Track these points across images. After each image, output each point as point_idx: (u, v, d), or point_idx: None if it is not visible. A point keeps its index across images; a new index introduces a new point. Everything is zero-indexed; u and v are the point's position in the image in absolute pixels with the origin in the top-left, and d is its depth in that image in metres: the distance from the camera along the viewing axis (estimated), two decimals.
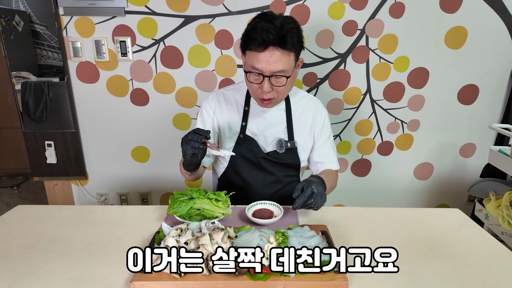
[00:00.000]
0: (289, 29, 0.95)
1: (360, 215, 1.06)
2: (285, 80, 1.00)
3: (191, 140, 0.94)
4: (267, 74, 0.98)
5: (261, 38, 0.93)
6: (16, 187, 3.06)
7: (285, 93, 1.07)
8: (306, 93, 1.25)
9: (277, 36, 0.93)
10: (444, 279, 0.76)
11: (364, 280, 0.75)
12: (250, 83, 1.03)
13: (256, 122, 1.17)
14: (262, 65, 0.97)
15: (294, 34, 0.96)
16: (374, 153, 2.04)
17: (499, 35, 1.80)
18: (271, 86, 1.01)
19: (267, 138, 1.17)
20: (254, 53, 0.97)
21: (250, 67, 1.00)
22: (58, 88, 1.84)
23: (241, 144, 1.16)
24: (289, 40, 0.95)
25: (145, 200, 2.10)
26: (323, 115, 1.22)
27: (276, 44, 0.94)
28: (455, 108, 1.95)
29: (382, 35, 1.79)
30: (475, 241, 0.93)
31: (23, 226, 0.98)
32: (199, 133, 0.95)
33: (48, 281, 0.74)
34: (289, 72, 1.00)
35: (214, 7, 1.73)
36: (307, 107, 1.21)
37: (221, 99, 1.20)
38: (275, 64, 0.96)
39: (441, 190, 2.13)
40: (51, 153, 1.95)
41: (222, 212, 0.97)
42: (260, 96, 1.05)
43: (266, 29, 0.93)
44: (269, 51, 0.95)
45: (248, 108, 1.17)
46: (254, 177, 1.20)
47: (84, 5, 1.69)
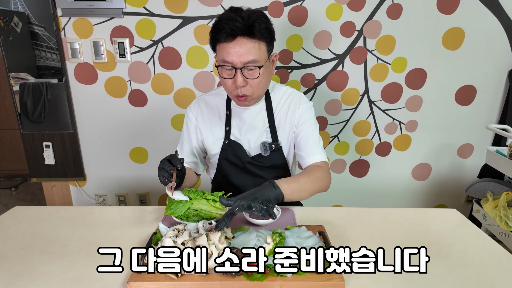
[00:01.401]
0: (255, 17, 0.94)
1: (357, 216, 1.06)
2: (258, 71, 0.98)
3: (163, 169, 0.95)
4: (238, 66, 0.96)
5: (228, 27, 0.92)
6: (14, 188, 3.05)
7: (260, 88, 1.03)
8: (287, 88, 1.18)
9: (244, 25, 0.92)
10: (441, 279, 0.77)
11: (361, 280, 0.75)
12: (224, 79, 1.01)
13: (238, 125, 1.14)
14: (233, 57, 0.95)
15: (262, 22, 0.95)
16: (372, 154, 2.04)
17: (496, 36, 1.81)
18: (245, 79, 0.98)
19: (250, 141, 1.14)
20: (223, 45, 0.96)
21: (221, 61, 0.98)
22: (56, 89, 1.84)
23: (227, 149, 1.14)
24: (257, 27, 0.93)
25: (143, 201, 2.10)
26: (304, 107, 1.14)
27: (244, 33, 0.93)
28: (452, 109, 1.95)
29: (380, 36, 1.80)
30: (472, 241, 0.93)
31: (20, 227, 0.97)
32: (172, 161, 0.95)
33: (45, 282, 0.74)
34: (261, 62, 0.97)
35: (212, 8, 1.73)
36: (287, 102, 1.14)
37: (202, 105, 1.18)
38: (245, 55, 0.94)
39: (439, 191, 2.14)
40: (49, 154, 1.95)
41: (220, 212, 0.97)
42: (235, 93, 1.02)
43: (232, 18, 0.92)
44: (238, 41, 0.94)
45: (230, 112, 1.14)
46: (243, 182, 1.18)
47: (82, 6, 1.70)
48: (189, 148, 1.20)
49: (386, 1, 1.74)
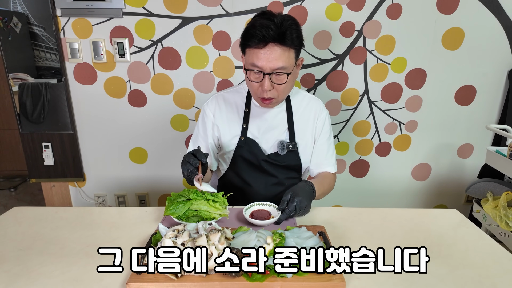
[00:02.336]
0: (288, 25, 0.95)
1: (357, 216, 1.06)
2: (285, 77, 1.00)
3: (188, 162, 0.97)
4: (267, 72, 0.98)
5: (261, 34, 0.94)
6: (13, 189, 3.04)
7: (285, 92, 1.07)
8: (307, 93, 1.24)
9: (277, 32, 0.94)
10: (442, 280, 0.76)
11: (361, 280, 0.75)
12: (251, 81, 1.03)
13: (257, 124, 1.16)
14: (263, 62, 0.97)
15: (294, 30, 0.97)
16: (372, 154, 2.04)
17: (496, 36, 1.81)
18: (272, 84, 1.01)
19: (269, 140, 1.17)
20: (254, 50, 0.98)
21: (250, 65, 1.00)
22: (56, 89, 1.84)
23: (242, 146, 1.16)
24: (289, 36, 0.95)
25: (143, 202, 2.09)
26: (324, 116, 1.21)
27: (276, 40, 0.95)
28: (452, 109, 1.95)
29: (380, 36, 1.80)
30: (472, 241, 0.93)
31: (19, 228, 0.97)
32: (196, 155, 0.97)
33: (44, 283, 0.74)
34: (289, 69, 1.00)
35: (211, 8, 1.73)
36: (308, 107, 1.19)
37: (220, 101, 1.20)
38: (275, 61, 0.96)
39: (439, 191, 2.14)
40: (48, 155, 1.95)
41: (220, 213, 0.96)
42: (260, 95, 1.04)
43: (265, 26, 0.93)
44: (269, 48, 0.96)
45: (249, 110, 1.16)
46: (255, 179, 1.20)
47: (81, 6, 1.69)
48: (204, 145, 1.21)
49: (386, 1, 1.74)
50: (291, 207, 0.94)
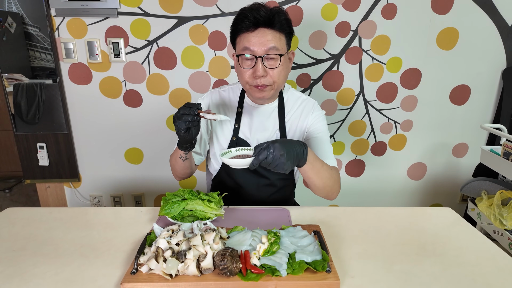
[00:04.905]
0: (276, 11, 0.98)
1: (352, 215, 1.06)
2: (278, 60, 0.99)
3: (184, 114, 0.91)
4: (260, 54, 0.98)
5: (252, 16, 0.96)
6: (8, 190, 3.02)
7: (280, 79, 1.03)
8: (302, 94, 1.21)
9: (266, 17, 0.96)
10: (436, 278, 0.77)
11: (355, 279, 0.75)
12: (243, 69, 1.01)
13: (248, 124, 1.15)
14: (255, 44, 0.98)
15: (282, 15, 0.99)
16: (368, 154, 2.05)
17: (490, 36, 1.83)
18: (265, 69, 0.99)
19: (259, 140, 1.15)
20: (245, 34, 0.99)
21: (241, 49, 1.00)
22: (51, 90, 1.83)
23: (234, 146, 1.14)
24: (277, 19, 0.97)
25: (138, 202, 2.09)
26: (317, 115, 1.16)
27: (266, 25, 0.97)
28: (447, 109, 1.96)
29: (375, 36, 1.81)
30: (466, 239, 0.94)
31: (12, 229, 0.96)
32: (190, 106, 0.92)
33: (38, 284, 0.73)
34: (282, 51, 1.00)
35: (207, 8, 1.73)
36: (300, 108, 1.17)
37: (215, 98, 1.19)
38: (267, 42, 0.97)
39: (434, 190, 2.15)
40: (43, 156, 1.93)
41: (215, 213, 0.96)
42: (253, 83, 1.02)
43: (255, 8, 0.97)
44: (260, 31, 0.98)
45: (241, 109, 1.16)
46: (247, 180, 1.18)
47: (76, 6, 1.68)
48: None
49: (381, 1, 1.75)
50: (262, 153, 0.83)
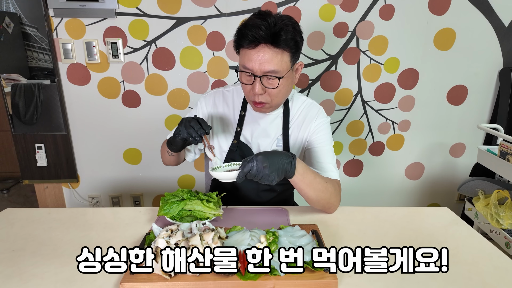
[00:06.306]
0: (282, 25, 0.90)
1: (350, 215, 1.07)
2: (277, 81, 0.95)
3: (192, 127, 0.90)
4: (258, 74, 0.94)
5: (251, 34, 0.90)
6: (6, 190, 3.01)
7: (279, 98, 1.01)
8: (307, 98, 1.16)
9: (269, 33, 0.90)
10: (432, 276, 0.77)
11: (353, 278, 0.76)
12: (243, 84, 1.00)
13: (250, 128, 1.13)
14: (253, 64, 0.93)
15: (289, 31, 0.91)
16: (366, 154, 2.06)
17: (486, 36, 1.84)
18: (263, 88, 0.96)
19: (261, 145, 1.13)
20: (246, 50, 0.94)
21: (241, 66, 0.97)
22: (49, 90, 1.83)
23: (234, 150, 1.13)
24: (282, 37, 0.90)
25: (137, 203, 2.09)
26: (320, 122, 1.11)
27: (268, 41, 0.91)
28: (444, 109, 1.98)
29: (373, 37, 1.82)
30: (463, 238, 0.94)
31: (11, 229, 0.96)
32: (202, 125, 0.91)
33: (37, 284, 0.74)
34: (282, 73, 0.95)
35: (205, 8, 1.73)
36: (303, 113, 1.13)
37: (218, 99, 1.16)
38: (266, 64, 0.92)
39: (432, 190, 2.16)
40: (41, 156, 1.93)
41: (214, 213, 0.96)
42: (252, 99, 1.01)
43: (257, 26, 0.90)
44: (260, 49, 0.92)
45: (244, 113, 1.13)
46: (246, 185, 1.16)
47: (74, 7, 1.69)
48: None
49: (379, 2, 1.75)
50: (247, 166, 0.83)
